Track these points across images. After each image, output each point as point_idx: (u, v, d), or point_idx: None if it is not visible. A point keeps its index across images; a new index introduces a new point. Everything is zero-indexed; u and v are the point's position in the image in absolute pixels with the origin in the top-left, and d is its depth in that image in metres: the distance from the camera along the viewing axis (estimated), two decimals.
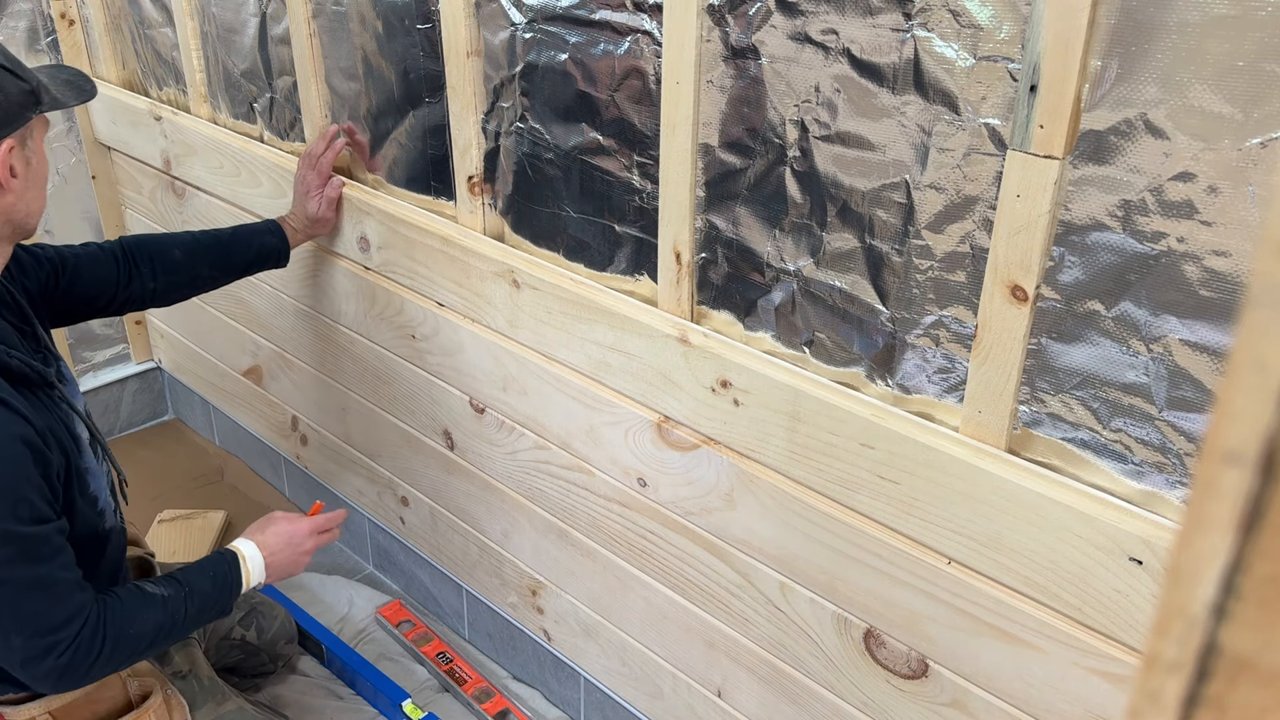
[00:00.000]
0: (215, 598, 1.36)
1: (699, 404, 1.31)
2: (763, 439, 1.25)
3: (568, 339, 1.45)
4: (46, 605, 1.18)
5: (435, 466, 1.86)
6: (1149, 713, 0.29)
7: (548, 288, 1.45)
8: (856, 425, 1.15)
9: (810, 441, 1.20)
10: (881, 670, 1.25)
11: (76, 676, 1.22)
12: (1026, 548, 1.04)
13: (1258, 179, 0.84)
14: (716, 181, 1.23)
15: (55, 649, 1.19)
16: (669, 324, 1.32)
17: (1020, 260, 0.98)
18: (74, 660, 1.20)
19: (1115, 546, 0.98)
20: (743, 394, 1.25)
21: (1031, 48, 0.90)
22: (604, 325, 1.39)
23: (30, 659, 1.18)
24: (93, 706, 1.38)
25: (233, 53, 1.96)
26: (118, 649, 1.24)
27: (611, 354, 1.40)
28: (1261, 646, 0.26)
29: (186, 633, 1.35)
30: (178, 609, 1.31)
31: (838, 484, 1.19)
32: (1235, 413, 0.25)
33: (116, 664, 1.25)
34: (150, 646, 1.29)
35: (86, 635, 1.20)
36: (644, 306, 1.36)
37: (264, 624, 1.82)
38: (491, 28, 1.42)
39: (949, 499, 1.09)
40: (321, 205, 1.73)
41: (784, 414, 1.21)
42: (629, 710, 1.69)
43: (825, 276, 1.17)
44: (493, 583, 1.87)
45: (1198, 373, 0.93)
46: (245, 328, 2.21)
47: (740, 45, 1.14)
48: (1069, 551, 1.01)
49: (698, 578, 1.44)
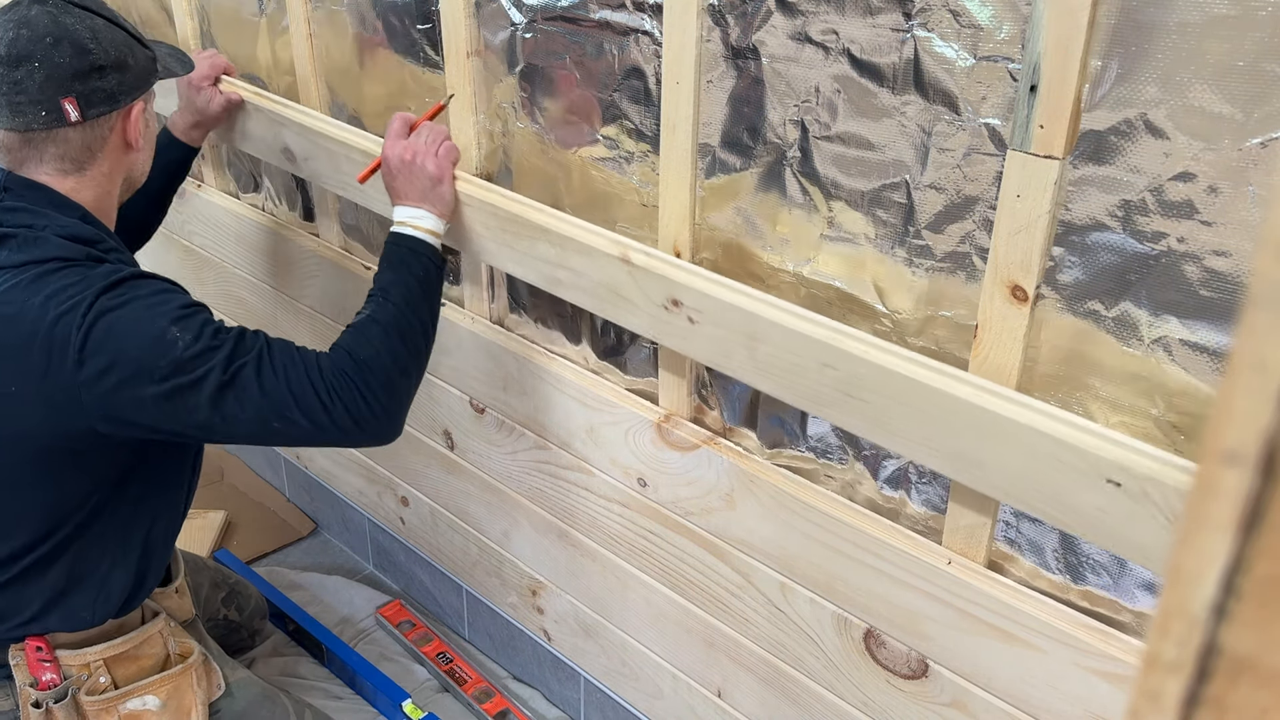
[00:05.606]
0: (408, 273, 1.30)
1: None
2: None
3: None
4: (280, 378, 1.18)
5: (435, 466, 1.86)
6: (1149, 713, 0.29)
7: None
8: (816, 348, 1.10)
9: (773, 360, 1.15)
10: (881, 670, 1.25)
11: (364, 410, 1.20)
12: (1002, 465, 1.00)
13: (1258, 179, 0.84)
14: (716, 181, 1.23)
15: (320, 397, 1.18)
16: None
17: (1020, 260, 0.98)
18: (346, 401, 1.19)
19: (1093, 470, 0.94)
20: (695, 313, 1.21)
21: (1031, 48, 0.90)
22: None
23: (313, 414, 1.18)
24: (139, 661, 1.41)
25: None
26: (366, 374, 1.20)
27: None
28: (1261, 646, 0.26)
29: (419, 321, 1.29)
30: (384, 311, 1.26)
31: (808, 400, 1.14)
32: (1235, 413, 0.25)
33: (384, 386, 1.21)
34: (395, 357, 1.24)
35: (330, 375, 1.19)
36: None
37: (242, 603, 1.89)
38: (491, 28, 1.42)
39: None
40: (215, 101, 1.68)
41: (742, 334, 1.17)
42: (629, 710, 1.69)
43: (825, 276, 1.17)
44: (493, 583, 1.87)
45: (1198, 373, 0.93)
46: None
47: (740, 45, 1.14)
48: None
49: (698, 578, 1.44)
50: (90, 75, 1.24)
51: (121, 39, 1.28)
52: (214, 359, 1.16)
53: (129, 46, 1.29)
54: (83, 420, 1.18)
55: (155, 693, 1.41)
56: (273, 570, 2.16)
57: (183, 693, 1.44)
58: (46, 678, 1.34)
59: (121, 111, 1.29)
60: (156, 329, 1.16)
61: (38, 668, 1.34)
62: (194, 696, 1.45)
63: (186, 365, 1.15)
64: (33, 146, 1.25)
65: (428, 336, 1.30)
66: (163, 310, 1.17)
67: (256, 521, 2.30)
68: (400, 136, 1.38)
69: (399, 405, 1.24)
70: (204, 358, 1.16)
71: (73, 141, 1.26)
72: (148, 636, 1.42)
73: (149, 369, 1.15)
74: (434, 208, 1.35)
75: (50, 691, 1.34)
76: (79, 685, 1.36)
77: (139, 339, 1.15)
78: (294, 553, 2.25)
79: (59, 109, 1.23)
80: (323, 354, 1.22)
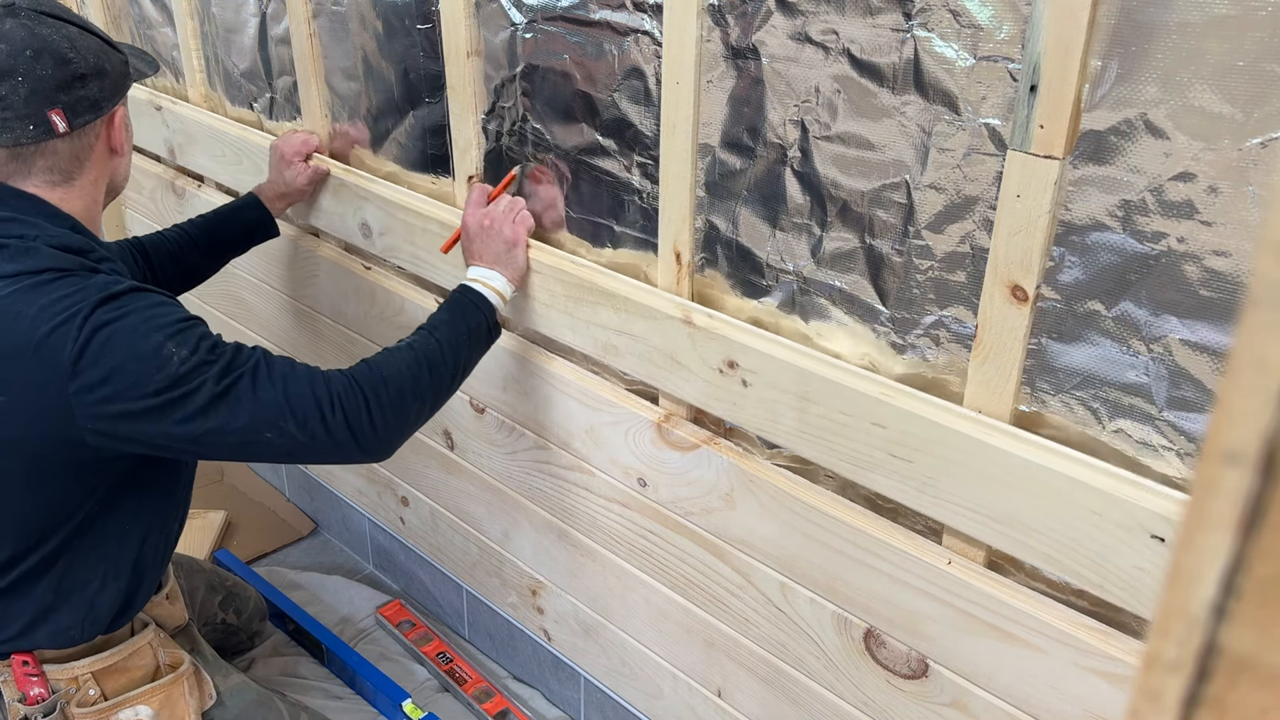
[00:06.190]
0: (463, 320, 1.34)
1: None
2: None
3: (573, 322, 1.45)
4: (276, 387, 1.19)
5: (435, 466, 1.86)
6: (1149, 713, 0.29)
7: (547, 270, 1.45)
8: (866, 404, 1.12)
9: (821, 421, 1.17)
10: (881, 670, 1.25)
11: (365, 424, 1.20)
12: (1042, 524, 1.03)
13: (1258, 179, 0.84)
14: (717, 181, 1.23)
15: (319, 405, 1.18)
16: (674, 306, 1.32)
17: (1020, 260, 0.98)
18: (348, 411, 1.19)
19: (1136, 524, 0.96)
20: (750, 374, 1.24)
21: (1031, 48, 0.90)
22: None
23: (308, 423, 1.18)
24: (129, 673, 1.41)
25: (233, 53, 1.96)
26: (382, 389, 1.21)
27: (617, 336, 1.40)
28: (1261, 646, 0.26)
29: (453, 365, 1.31)
30: (425, 343, 1.28)
31: (851, 462, 1.16)
32: (1235, 413, 0.25)
33: (394, 405, 1.22)
34: (416, 383, 1.25)
35: (338, 386, 1.20)
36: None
37: (241, 605, 1.89)
38: (491, 28, 1.42)
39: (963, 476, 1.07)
40: (302, 176, 1.75)
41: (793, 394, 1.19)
42: (629, 710, 1.69)
43: (825, 277, 1.17)
44: (493, 583, 1.87)
45: (1198, 373, 0.93)
46: (245, 328, 2.21)
47: (740, 45, 1.14)
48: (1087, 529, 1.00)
49: (698, 578, 1.44)
50: (74, 85, 1.23)
51: (96, 45, 1.27)
52: (208, 373, 1.16)
53: (104, 52, 1.28)
54: (73, 431, 1.17)
55: (147, 702, 1.40)
56: (272, 570, 2.16)
57: (175, 702, 1.43)
58: (34, 692, 1.33)
59: (105, 118, 1.28)
60: (153, 344, 1.15)
61: (25, 682, 1.33)
62: (186, 706, 1.44)
63: (181, 380, 1.15)
64: (20, 161, 1.24)
65: (454, 382, 1.33)
66: (159, 324, 1.17)
67: (256, 521, 2.30)
68: (479, 205, 1.46)
69: (401, 429, 1.25)
70: (199, 372, 1.16)
71: (61, 153, 1.25)
72: (137, 648, 1.41)
73: (143, 384, 1.14)
74: (506, 270, 1.42)
75: (39, 706, 1.33)
76: (67, 699, 1.35)
77: (135, 354, 1.14)
78: (294, 553, 2.25)
79: (46, 121, 1.22)
80: (333, 370, 1.23)
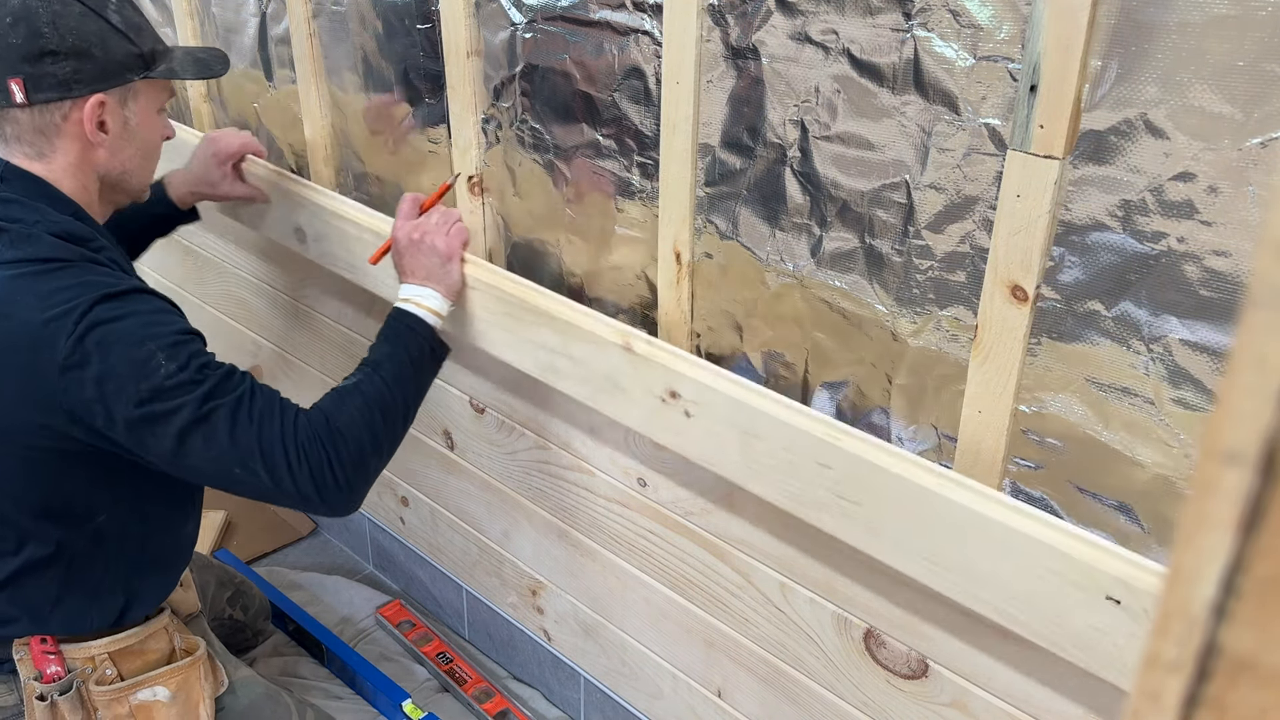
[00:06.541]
0: (404, 350, 1.31)
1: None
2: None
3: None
4: (253, 426, 1.18)
5: (435, 466, 1.86)
6: (1149, 713, 0.29)
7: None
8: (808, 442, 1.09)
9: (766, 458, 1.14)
10: (881, 670, 1.25)
11: (329, 480, 1.20)
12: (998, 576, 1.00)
13: (1258, 179, 0.84)
14: (717, 181, 1.23)
15: (287, 455, 1.18)
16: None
17: (1020, 260, 0.98)
18: (313, 465, 1.18)
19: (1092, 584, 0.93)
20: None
21: (1031, 48, 0.90)
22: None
23: (276, 470, 1.18)
24: (144, 655, 1.41)
25: (233, 52, 1.95)
26: (340, 443, 1.21)
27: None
28: (1261, 646, 0.26)
29: (403, 400, 1.29)
30: (371, 383, 1.26)
31: (799, 503, 1.13)
32: (1235, 413, 0.25)
33: (353, 460, 1.22)
34: (372, 432, 1.24)
35: (304, 437, 1.19)
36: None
37: (247, 603, 1.89)
38: (491, 28, 1.42)
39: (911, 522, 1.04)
40: (229, 184, 1.66)
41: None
42: (629, 710, 1.69)
43: (825, 276, 1.17)
44: (493, 583, 1.87)
45: (1198, 373, 0.93)
46: (245, 328, 2.21)
47: (740, 45, 1.14)
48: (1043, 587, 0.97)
49: (698, 578, 1.44)
50: (41, 59, 1.21)
51: (94, 29, 1.24)
52: (193, 393, 1.15)
53: (100, 37, 1.24)
54: (61, 423, 1.17)
55: (165, 684, 1.41)
56: (273, 570, 2.16)
57: (191, 686, 1.44)
58: (51, 670, 1.34)
59: (76, 101, 1.24)
60: (145, 351, 1.15)
61: (42, 660, 1.34)
62: (202, 691, 1.45)
63: (164, 394, 1.14)
64: None
65: (407, 418, 1.31)
66: (155, 333, 1.17)
67: (256, 521, 2.30)
68: (410, 216, 1.40)
69: (363, 482, 1.25)
70: (183, 389, 1.15)
71: (22, 123, 1.24)
72: (153, 631, 1.42)
73: (128, 389, 1.14)
74: (440, 286, 1.37)
75: (55, 684, 1.33)
76: (84, 678, 1.36)
77: (126, 358, 1.14)
78: (294, 553, 2.26)
79: (5, 88, 1.21)
80: (302, 412, 1.22)
